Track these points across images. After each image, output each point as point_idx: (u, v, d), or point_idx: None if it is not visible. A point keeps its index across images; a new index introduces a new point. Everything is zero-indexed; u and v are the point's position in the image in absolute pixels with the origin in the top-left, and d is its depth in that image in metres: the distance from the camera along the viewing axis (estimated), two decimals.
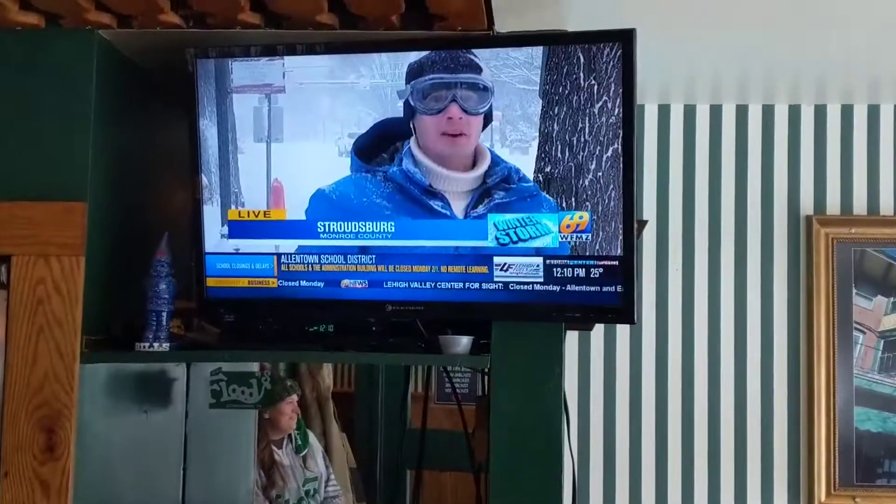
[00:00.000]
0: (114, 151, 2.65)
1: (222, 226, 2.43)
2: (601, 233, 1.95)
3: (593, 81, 1.84)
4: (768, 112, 3.51)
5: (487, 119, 1.97)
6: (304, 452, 4.62)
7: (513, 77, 1.92)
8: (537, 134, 1.89)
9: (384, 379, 4.77)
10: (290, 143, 2.02)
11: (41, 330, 2.46)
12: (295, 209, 2.18)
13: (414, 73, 1.96)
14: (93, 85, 2.54)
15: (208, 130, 2.01)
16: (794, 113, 3.51)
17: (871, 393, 3.41)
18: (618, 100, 1.89)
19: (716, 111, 3.53)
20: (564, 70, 1.85)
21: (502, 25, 2.46)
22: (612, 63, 1.86)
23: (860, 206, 3.47)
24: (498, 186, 2.01)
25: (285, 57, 2.14)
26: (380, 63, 1.97)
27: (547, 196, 1.98)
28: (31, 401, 2.44)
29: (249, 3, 2.42)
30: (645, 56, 2.33)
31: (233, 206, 2.11)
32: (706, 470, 3.45)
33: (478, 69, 1.87)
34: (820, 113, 3.50)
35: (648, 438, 3.48)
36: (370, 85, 1.98)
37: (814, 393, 3.40)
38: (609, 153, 1.81)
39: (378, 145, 2.02)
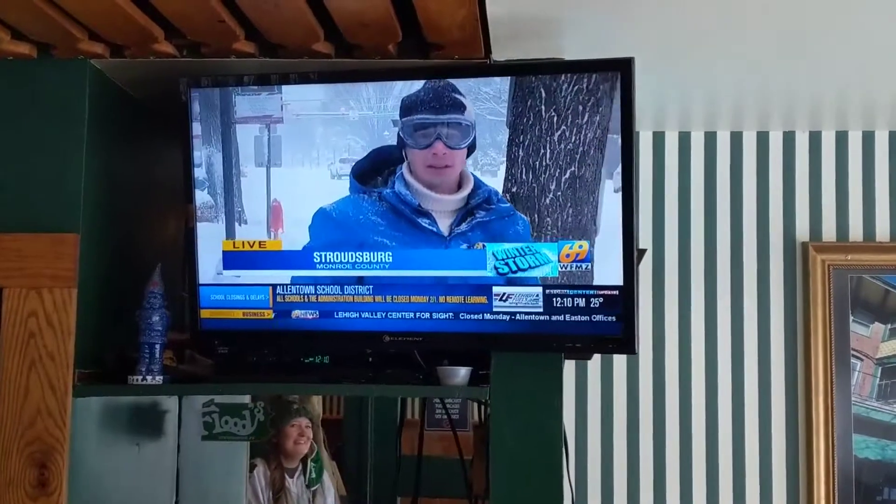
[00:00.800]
0: (106, 182, 2.63)
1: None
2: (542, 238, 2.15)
3: (553, 113, 2.02)
4: (763, 139, 3.51)
5: (471, 149, 2.12)
6: (315, 487, 4.56)
7: (483, 110, 2.12)
8: (504, 159, 2.06)
9: (374, 406, 4.74)
10: (287, 167, 2.19)
11: (33, 364, 2.43)
12: (294, 228, 2.25)
13: (405, 110, 2.13)
14: (85, 115, 2.52)
15: (214, 157, 2.18)
16: (789, 139, 3.50)
17: (869, 420, 3.38)
18: (582, 128, 2.06)
19: (710, 138, 3.52)
20: (528, 103, 2.04)
21: (500, 55, 2.46)
22: (582, 93, 2.03)
23: (856, 232, 3.46)
24: (480, 207, 2.16)
25: (283, 89, 2.26)
26: (367, 96, 2.14)
27: (521, 215, 2.12)
28: (23, 436, 2.41)
29: (244, 33, 2.41)
30: (640, 84, 2.33)
31: (237, 224, 2.24)
32: (705, 499, 3.42)
33: (462, 108, 2.05)
34: (815, 139, 3.49)
35: (646, 468, 3.45)
36: (359, 116, 2.14)
37: (812, 421, 3.37)
38: (567, 175, 2.01)
39: (374, 170, 2.18)
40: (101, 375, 2.55)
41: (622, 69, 2.30)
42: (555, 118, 2.06)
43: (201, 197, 2.31)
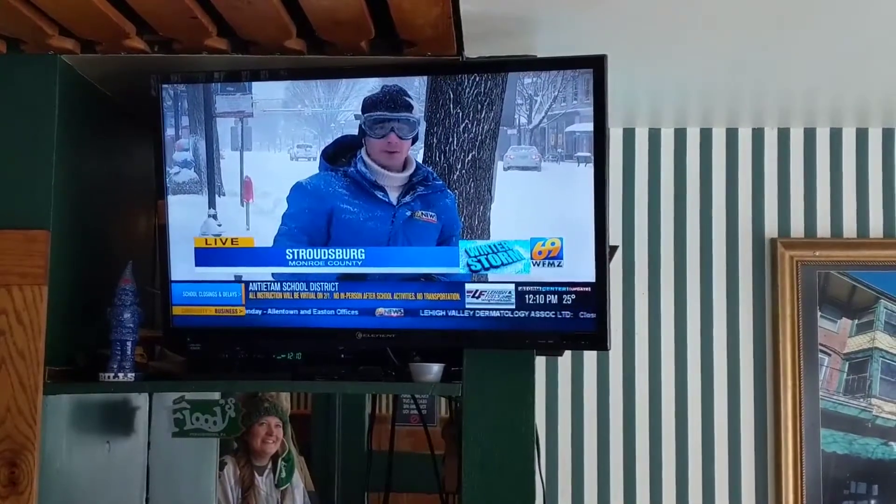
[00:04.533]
0: (77, 178, 2.61)
1: (208, 216, 2.58)
2: (464, 210, 2.46)
3: (458, 110, 2.44)
4: (732, 135, 3.53)
5: (415, 139, 2.47)
6: (284, 487, 4.55)
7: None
8: (422, 145, 2.46)
9: (341, 401, 4.74)
10: (256, 151, 2.55)
11: (2, 362, 2.41)
12: (262, 199, 2.55)
13: (367, 107, 2.47)
14: (55, 111, 2.50)
15: (199, 143, 2.57)
16: (758, 136, 3.53)
17: (836, 415, 3.42)
18: (480, 122, 2.44)
19: (680, 135, 3.55)
20: (440, 102, 2.44)
21: (473, 52, 2.47)
22: (480, 95, 2.43)
23: (824, 228, 3.50)
24: (420, 183, 2.47)
25: (253, 91, 2.54)
26: (318, 96, 2.51)
27: (450, 191, 2.46)
28: None
29: (216, 29, 2.40)
30: (610, 80, 2.35)
31: (217, 195, 2.57)
32: (674, 494, 3.45)
33: (411, 108, 2.45)
34: (783, 136, 3.52)
35: (616, 463, 3.47)
36: (311, 112, 2.52)
37: (780, 416, 3.41)
38: (469, 157, 2.43)
39: (339, 153, 2.51)
40: (71, 373, 2.53)
41: (595, 66, 2.35)
42: (460, 114, 2.43)
43: (188, 174, 2.58)
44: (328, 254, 2.47)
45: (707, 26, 2.56)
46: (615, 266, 3.40)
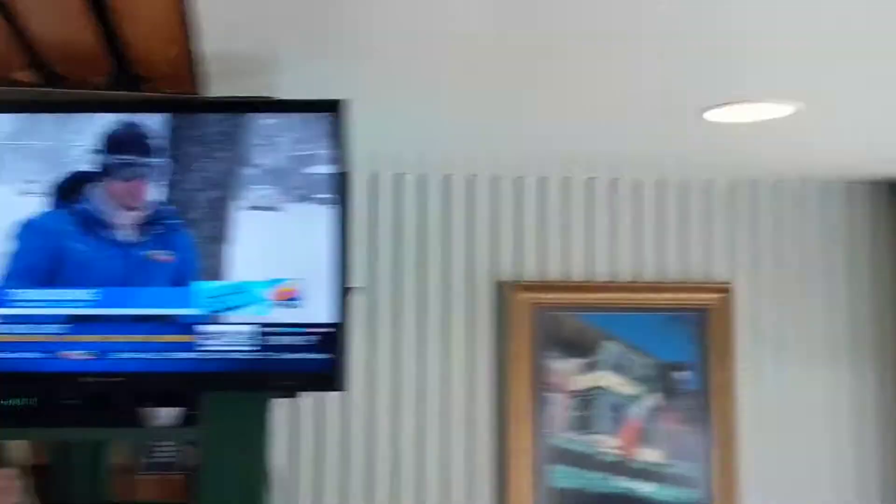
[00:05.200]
0: None
1: None
2: (202, 250, 2.43)
3: (198, 149, 2.42)
4: (470, 182, 3.64)
5: (155, 177, 2.43)
6: None
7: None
8: (162, 183, 2.43)
9: (85, 450, 4.54)
10: None
11: None
12: None
13: (110, 146, 2.41)
14: None
15: None
16: (494, 183, 3.65)
17: (566, 451, 3.57)
18: (218, 161, 2.43)
19: (422, 180, 3.63)
20: (180, 140, 2.43)
21: (218, 91, 2.46)
22: (218, 133, 2.44)
23: (555, 271, 3.66)
24: (156, 222, 2.43)
25: None
26: (49, 130, 2.44)
27: (187, 230, 2.42)
28: None
29: None
30: (355, 124, 2.39)
31: None
32: None
33: (152, 149, 2.41)
34: (517, 184, 3.67)
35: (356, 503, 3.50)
36: (41, 146, 2.44)
37: (513, 453, 3.53)
38: (208, 196, 2.42)
39: (71, 189, 2.43)
40: None
41: (334, 110, 2.38)
42: (200, 153, 2.42)
43: None
44: (57, 294, 2.37)
45: (451, 79, 2.64)
46: (360, 307, 3.45)
